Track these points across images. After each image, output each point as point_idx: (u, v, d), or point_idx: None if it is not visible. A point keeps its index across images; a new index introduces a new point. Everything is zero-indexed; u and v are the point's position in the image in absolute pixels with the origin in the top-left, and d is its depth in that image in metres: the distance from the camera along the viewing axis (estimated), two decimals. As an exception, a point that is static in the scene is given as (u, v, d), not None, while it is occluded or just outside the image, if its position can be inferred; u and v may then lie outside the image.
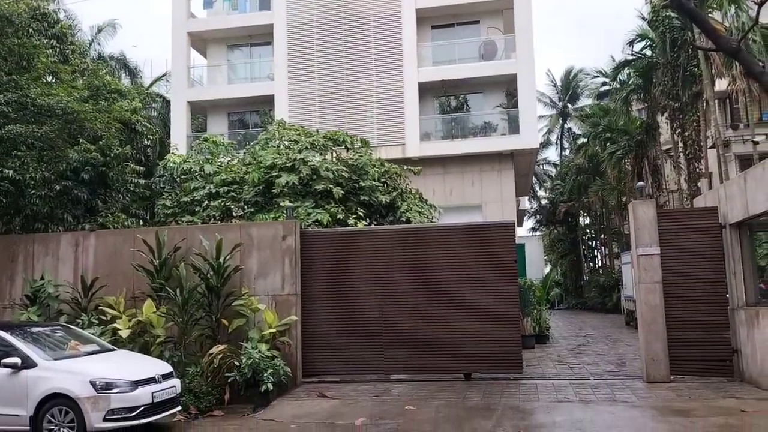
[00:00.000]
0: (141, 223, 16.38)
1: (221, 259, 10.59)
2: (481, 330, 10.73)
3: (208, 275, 10.54)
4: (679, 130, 27.43)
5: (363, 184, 13.94)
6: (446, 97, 25.68)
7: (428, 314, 10.93)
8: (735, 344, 10.00)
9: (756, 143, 25.40)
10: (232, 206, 13.60)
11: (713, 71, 23.36)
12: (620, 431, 7.13)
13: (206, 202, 13.94)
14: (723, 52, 17.19)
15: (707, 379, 10.06)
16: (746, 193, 9.50)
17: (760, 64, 17.27)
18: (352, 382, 10.89)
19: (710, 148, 26.52)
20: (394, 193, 14.54)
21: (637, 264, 10.55)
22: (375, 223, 13.84)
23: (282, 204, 12.85)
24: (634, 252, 10.72)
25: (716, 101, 25.46)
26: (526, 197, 42.39)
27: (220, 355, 9.69)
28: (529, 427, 7.51)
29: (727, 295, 10.21)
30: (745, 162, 25.97)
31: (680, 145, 27.73)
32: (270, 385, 9.43)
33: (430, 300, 10.96)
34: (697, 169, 26.55)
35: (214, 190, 13.99)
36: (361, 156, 14.60)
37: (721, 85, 24.92)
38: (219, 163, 15.16)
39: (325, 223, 12.59)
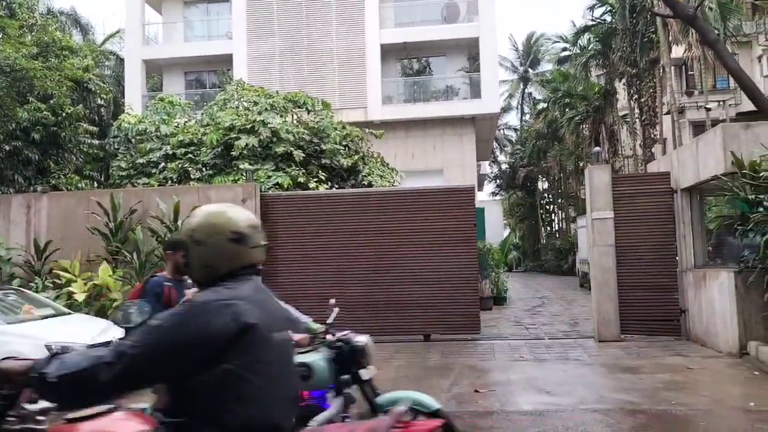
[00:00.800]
0: (95, 184, 15.97)
1: (179, 222, 10.43)
2: (440, 292, 10.90)
3: (166, 238, 10.38)
4: (636, 96, 27.87)
5: (324, 147, 13.82)
6: (408, 60, 25.46)
7: (389, 277, 11.03)
8: (683, 305, 10.39)
9: (708, 110, 25.99)
10: (190, 168, 13.35)
11: (670, 38, 23.69)
12: (572, 388, 7.38)
13: (163, 163, 13.64)
14: (680, 19, 17.43)
15: (656, 338, 10.46)
16: (698, 159, 9.76)
17: (715, 31, 17.58)
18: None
19: (665, 114, 27.06)
20: (356, 157, 14.47)
21: (592, 228, 10.80)
22: (336, 186, 13.80)
23: (241, 166, 12.68)
24: (589, 216, 10.96)
25: (672, 68, 25.89)
26: (487, 162, 42.70)
27: (180, 319, 9.60)
28: (485, 384, 7.71)
29: (677, 258, 10.56)
30: (698, 128, 26.61)
31: (636, 111, 28.22)
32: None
33: (390, 263, 11.05)
34: (652, 135, 27.11)
35: (170, 152, 13.69)
36: (323, 119, 14.44)
37: (677, 51, 25.31)
38: (176, 124, 14.81)
39: (285, 186, 12.48)
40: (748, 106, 21.35)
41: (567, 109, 32.74)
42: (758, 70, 27.89)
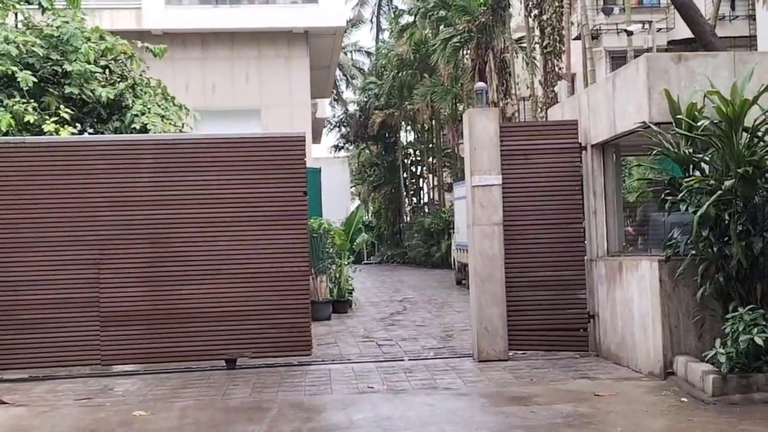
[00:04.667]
0: None
1: None
2: (250, 296, 10.83)
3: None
4: (536, 11, 29.22)
5: (70, 69, 13.22)
6: (207, -61, 24.79)
7: (171, 273, 10.80)
8: (591, 307, 11.11)
9: (630, 34, 27.88)
10: None
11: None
12: (439, 429, 7.62)
13: None
14: None
15: (555, 354, 11.13)
16: (614, 102, 10.39)
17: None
18: (50, 379, 10.53)
19: (574, 39, 28.70)
20: (122, 85, 14.00)
21: (472, 199, 11.19)
22: (90, 130, 13.33)
23: (-74, 95, 11.80)
24: (468, 181, 11.34)
25: (585, -28, 27.40)
26: (327, 100, 43.06)
27: None
28: (315, 430, 7.75)
29: (585, 242, 11.25)
30: (619, 60, 28.57)
31: (536, 33, 29.63)
32: None
33: (174, 251, 10.82)
34: (557, 68, 28.64)
35: None
36: (67, 22, 13.74)
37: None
38: None
39: (4, 128, 11.82)
40: (683, 32, 23.29)
41: (442, 27, 33.64)
42: (696, -17, 30.28)
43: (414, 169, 50.72)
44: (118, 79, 14.15)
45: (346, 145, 53.78)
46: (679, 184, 9.17)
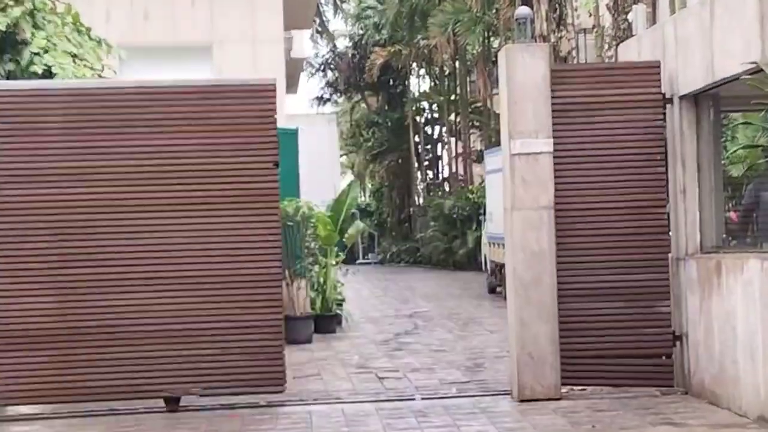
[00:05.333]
0: None
1: None
2: (199, 310, 10.86)
3: None
4: None
5: (-59, -11, 13.25)
6: None
7: (89, 278, 10.82)
8: (677, 325, 11.08)
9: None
10: None
11: None
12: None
13: None
14: None
15: (627, 390, 11.11)
16: (712, 36, 10.30)
17: None
18: None
19: (656, -53, 28.58)
20: (17, 12, 13.97)
21: (512, 172, 11.13)
22: None
23: None
24: (506, 148, 11.28)
25: None
26: (307, 33, 42.92)
27: None
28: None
29: (669, 233, 11.19)
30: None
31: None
32: None
33: (92, 247, 10.84)
34: (631, -11, 28.56)
35: None
36: None
37: None
38: None
39: None
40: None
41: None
42: None
43: (430, 131, 50.57)
44: (11, 3, 14.11)
45: (334, 96, 53.70)
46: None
